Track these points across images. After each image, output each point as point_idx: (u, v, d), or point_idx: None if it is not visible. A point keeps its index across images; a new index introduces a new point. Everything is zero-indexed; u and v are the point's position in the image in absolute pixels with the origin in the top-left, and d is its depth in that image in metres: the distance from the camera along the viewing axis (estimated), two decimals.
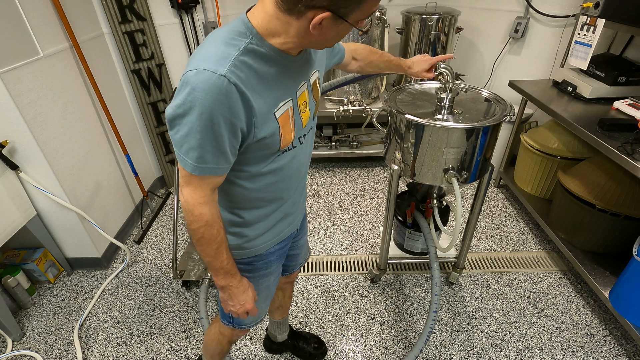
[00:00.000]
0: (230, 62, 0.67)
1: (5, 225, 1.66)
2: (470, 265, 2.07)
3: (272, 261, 1.06)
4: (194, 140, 0.70)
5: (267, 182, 0.88)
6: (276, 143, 0.80)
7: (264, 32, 0.72)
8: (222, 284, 0.90)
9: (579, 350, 1.61)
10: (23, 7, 1.59)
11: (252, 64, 0.71)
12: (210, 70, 0.66)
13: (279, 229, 1.02)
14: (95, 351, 1.68)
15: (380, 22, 2.49)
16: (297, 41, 0.73)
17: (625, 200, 1.68)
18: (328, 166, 3.06)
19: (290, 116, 0.81)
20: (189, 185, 0.77)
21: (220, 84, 0.66)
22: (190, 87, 0.67)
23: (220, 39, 0.72)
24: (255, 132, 0.74)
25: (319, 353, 1.61)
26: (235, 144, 0.74)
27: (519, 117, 2.36)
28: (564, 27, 2.35)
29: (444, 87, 1.35)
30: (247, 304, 0.95)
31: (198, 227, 0.80)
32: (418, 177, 1.46)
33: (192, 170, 0.74)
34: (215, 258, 0.85)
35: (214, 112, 0.67)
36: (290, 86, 0.80)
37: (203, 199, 0.78)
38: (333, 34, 0.72)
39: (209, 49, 0.71)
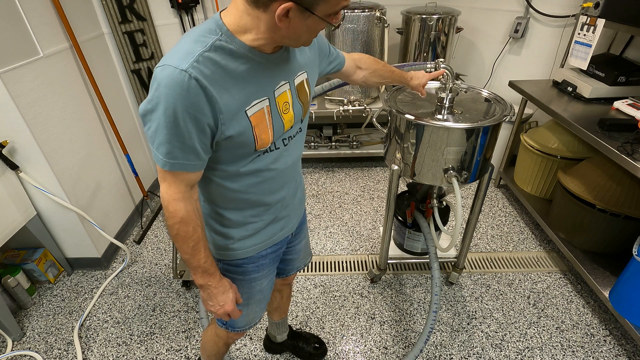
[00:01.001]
0: (194, 58, 0.68)
1: (5, 225, 1.66)
2: (470, 265, 2.07)
3: (265, 264, 1.04)
4: (162, 135, 0.71)
5: (248, 183, 0.87)
6: (250, 142, 0.79)
7: (235, 29, 0.72)
8: (201, 282, 0.89)
9: (579, 350, 1.61)
10: (23, 7, 1.59)
11: (219, 61, 0.71)
12: (173, 66, 0.67)
13: (269, 232, 1.00)
14: (95, 351, 1.68)
15: (380, 22, 2.49)
16: (269, 36, 0.72)
17: (625, 200, 1.68)
18: (328, 166, 3.06)
19: (266, 115, 0.79)
20: (164, 181, 0.78)
21: (182, 79, 0.67)
22: (157, 83, 0.68)
23: (190, 37, 0.72)
24: (223, 129, 0.74)
25: (319, 353, 1.61)
26: (205, 140, 0.74)
27: (519, 117, 2.36)
28: (564, 27, 2.35)
29: (444, 87, 1.35)
30: (227, 306, 0.93)
31: (173, 223, 0.80)
32: (418, 177, 1.46)
33: (163, 166, 0.74)
34: (192, 256, 0.84)
35: (177, 107, 0.68)
36: (265, 84, 0.78)
37: (177, 195, 0.78)
38: (303, 28, 0.71)
39: (178, 46, 0.72)
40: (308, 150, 2.96)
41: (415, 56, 2.69)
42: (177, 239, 0.82)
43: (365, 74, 1.19)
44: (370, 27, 2.47)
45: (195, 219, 0.82)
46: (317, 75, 0.98)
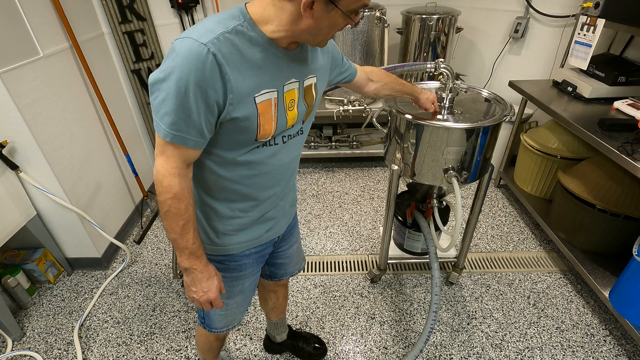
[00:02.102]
0: (214, 35, 0.69)
1: (5, 225, 1.66)
2: (470, 265, 2.07)
3: (247, 264, 1.03)
4: (170, 104, 0.71)
5: (241, 174, 0.87)
6: (253, 129, 0.79)
7: (257, 19, 0.74)
8: (186, 265, 0.86)
9: (579, 350, 1.61)
10: (23, 7, 1.59)
11: (238, 44, 0.72)
12: (193, 38, 0.69)
13: (255, 232, 0.99)
14: (95, 351, 1.68)
15: (380, 22, 2.49)
16: (289, 29, 0.73)
17: (625, 200, 1.68)
18: (328, 166, 3.06)
19: (272, 107, 0.80)
20: (162, 154, 0.77)
21: (200, 51, 0.68)
22: (174, 54, 0.69)
23: (213, 19, 0.74)
24: (230, 109, 0.74)
25: (319, 353, 1.61)
26: (211, 118, 0.74)
27: (519, 117, 2.36)
28: (564, 27, 2.35)
29: (444, 87, 1.35)
30: (211, 293, 0.90)
31: (166, 198, 0.78)
32: (418, 177, 1.46)
33: (165, 136, 0.73)
34: (181, 236, 0.82)
35: (190, 79, 0.68)
36: (277, 77, 0.79)
37: (174, 170, 0.77)
38: (325, 22, 0.72)
39: (200, 25, 0.73)
40: (308, 150, 2.96)
41: (415, 56, 2.69)
42: (168, 216, 0.80)
43: (377, 87, 1.21)
44: (370, 27, 2.47)
45: (189, 197, 0.80)
46: (326, 82, 0.99)
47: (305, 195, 2.69)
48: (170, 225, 0.81)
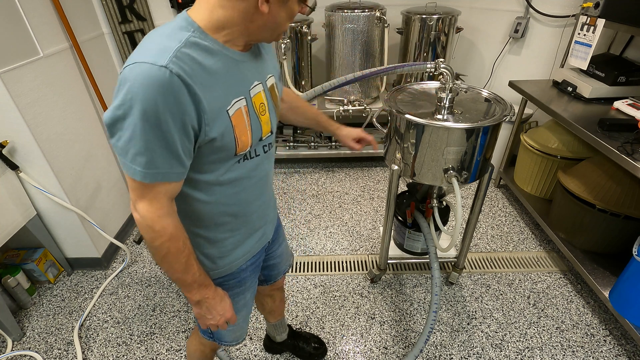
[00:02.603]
0: (172, 54, 0.62)
1: (5, 225, 1.66)
2: (470, 265, 2.06)
3: (246, 277, 1.01)
4: (140, 143, 0.63)
5: (227, 194, 0.82)
6: (231, 145, 0.74)
7: (206, 26, 0.68)
8: (197, 298, 0.83)
9: (579, 350, 1.61)
10: (23, 7, 1.59)
11: (197, 57, 0.65)
12: (149, 63, 0.61)
13: (248, 246, 0.96)
14: (95, 351, 1.68)
15: (380, 22, 2.49)
16: (244, 29, 0.69)
17: (625, 200, 1.68)
18: (328, 166, 3.06)
19: (245, 116, 0.75)
20: (142, 198, 0.69)
21: (162, 76, 0.60)
22: (128, 84, 0.61)
23: (158, 35, 0.67)
24: (207, 130, 0.68)
25: (319, 353, 1.61)
26: (188, 144, 0.68)
27: (519, 117, 2.36)
28: (564, 27, 2.35)
29: (444, 87, 1.34)
30: (227, 313, 0.89)
31: (162, 242, 0.72)
32: (418, 177, 1.46)
33: (143, 178, 0.66)
34: (185, 273, 0.78)
35: (158, 108, 0.61)
36: (242, 84, 0.75)
37: (162, 210, 0.71)
38: (282, 14, 0.69)
39: (146, 45, 0.65)
40: (308, 150, 2.96)
41: (415, 56, 2.69)
42: (168, 259, 0.75)
43: (285, 107, 1.12)
44: (370, 27, 2.47)
45: (183, 232, 0.76)
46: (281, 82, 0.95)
47: (305, 195, 2.69)
48: (172, 266, 0.76)
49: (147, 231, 0.72)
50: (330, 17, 2.50)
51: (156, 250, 0.74)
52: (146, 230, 0.72)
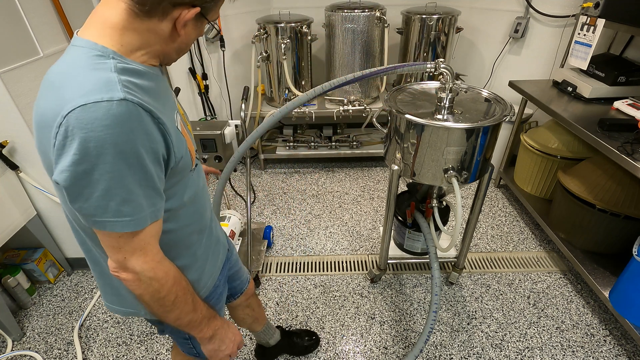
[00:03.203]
0: (120, 84, 0.56)
1: (5, 225, 1.66)
2: (470, 265, 2.06)
3: (222, 292, 0.99)
4: (122, 191, 0.57)
5: (190, 213, 0.79)
6: (189, 161, 0.72)
7: (119, 50, 0.60)
8: (210, 333, 0.79)
9: (579, 350, 1.61)
10: (23, 7, 1.59)
11: (136, 82, 0.60)
12: (105, 100, 0.53)
13: (216, 256, 0.94)
14: (95, 351, 1.68)
15: (380, 22, 2.49)
16: (159, 49, 0.65)
17: (625, 200, 1.68)
18: (328, 166, 3.06)
19: (185, 128, 0.75)
20: (135, 252, 0.63)
21: (126, 110, 0.54)
22: (83, 132, 0.53)
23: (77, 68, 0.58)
24: (175, 152, 0.65)
25: (313, 343, 1.63)
26: (161, 174, 0.64)
27: (519, 117, 2.36)
28: (564, 27, 2.35)
29: (444, 87, 1.34)
30: (237, 336, 0.86)
31: (169, 289, 0.68)
32: (418, 177, 1.46)
33: (136, 226, 0.60)
34: (194, 311, 0.74)
35: (133, 146, 0.56)
36: (170, 98, 0.73)
37: (158, 255, 0.66)
38: (194, 36, 0.68)
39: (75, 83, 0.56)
40: (308, 150, 2.96)
41: (415, 56, 2.69)
42: (178, 304, 0.70)
43: None
44: (370, 27, 2.47)
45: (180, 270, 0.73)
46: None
47: (305, 195, 2.69)
48: (183, 309, 0.71)
49: (150, 284, 0.65)
50: (330, 17, 2.50)
51: (164, 301, 0.68)
52: (148, 285, 0.65)
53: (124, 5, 0.59)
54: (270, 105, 2.90)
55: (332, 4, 2.56)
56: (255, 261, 1.99)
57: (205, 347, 0.82)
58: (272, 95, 2.85)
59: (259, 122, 2.79)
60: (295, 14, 2.66)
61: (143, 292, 0.66)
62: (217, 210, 1.58)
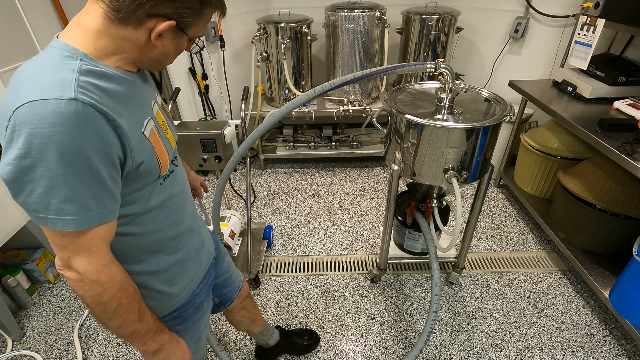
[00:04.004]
0: (75, 84, 0.56)
1: (5, 225, 1.66)
2: (470, 265, 2.06)
3: (202, 301, 0.96)
4: (65, 189, 0.56)
5: (159, 219, 0.77)
6: (155, 167, 0.71)
7: (92, 53, 0.62)
8: (155, 348, 0.76)
9: (579, 350, 1.61)
10: (23, 7, 1.59)
11: (98, 84, 0.60)
12: (54, 98, 0.54)
13: (195, 265, 0.92)
14: (95, 351, 1.68)
15: (380, 22, 2.49)
16: (135, 57, 0.66)
17: (625, 200, 1.68)
18: (328, 166, 3.06)
19: (157, 135, 0.73)
20: (79, 252, 0.61)
21: (75, 109, 0.54)
22: (29, 128, 0.53)
23: (39, 67, 0.59)
24: (133, 156, 0.64)
25: (313, 342, 1.64)
26: (116, 176, 0.63)
27: (519, 117, 2.36)
28: (564, 27, 2.35)
29: (444, 87, 1.34)
30: (187, 355, 0.83)
31: (112, 295, 0.65)
32: (418, 177, 1.46)
33: (78, 226, 0.59)
34: (140, 321, 0.71)
35: (78, 145, 0.55)
36: (145, 104, 0.72)
37: (105, 259, 0.64)
38: (173, 49, 0.68)
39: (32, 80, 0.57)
40: (308, 150, 2.96)
41: (415, 56, 2.69)
42: (120, 312, 0.67)
43: None
44: (370, 27, 2.47)
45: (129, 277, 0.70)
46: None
47: (305, 195, 2.69)
48: (127, 317, 0.69)
49: (92, 287, 0.63)
50: (330, 17, 2.50)
51: (106, 306, 0.65)
52: (90, 287, 0.63)
53: (101, 10, 0.60)
54: (270, 105, 2.90)
55: (332, 4, 2.56)
56: (255, 261, 1.99)
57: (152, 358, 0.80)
58: (272, 95, 2.85)
59: (259, 122, 2.80)
60: (295, 14, 2.66)
61: (85, 293, 0.64)
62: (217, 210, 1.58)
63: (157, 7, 0.60)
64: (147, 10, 0.59)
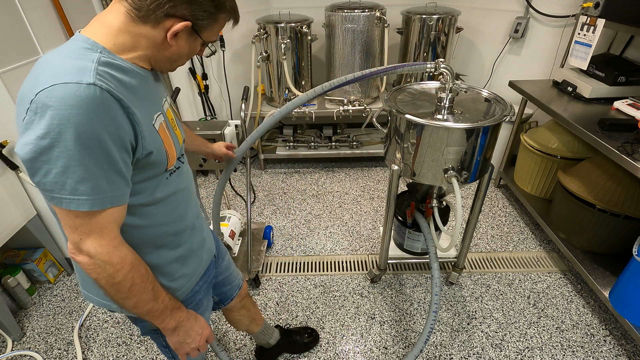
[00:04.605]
0: (94, 71, 0.60)
1: (5, 225, 1.66)
2: (470, 265, 2.06)
3: (202, 299, 0.98)
4: (80, 170, 0.59)
5: (163, 213, 0.79)
6: (163, 160, 0.74)
7: (112, 48, 0.66)
8: (173, 325, 0.78)
9: (579, 350, 1.61)
10: (23, 7, 1.59)
11: (114, 74, 0.63)
12: (74, 82, 0.57)
13: (196, 262, 0.93)
14: (95, 351, 1.68)
15: (380, 22, 2.49)
16: (151, 55, 0.70)
17: (625, 200, 1.68)
18: (328, 166, 3.06)
19: (167, 130, 0.76)
20: (91, 234, 0.64)
21: (93, 93, 0.58)
22: (51, 110, 0.56)
23: (61, 57, 0.63)
24: (144, 143, 0.67)
25: (312, 339, 1.65)
26: (128, 161, 0.66)
27: (519, 117, 2.36)
28: (564, 27, 2.35)
29: (444, 87, 1.34)
30: (205, 330, 0.85)
31: (124, 275, 0.67)
32: (418, 177, 1.46)
33: (92, 206, 0.61)
34: (155, 300, 0.73)
35: (94, 128, 0.58)
36: (156, 100, 0.76)
37: (116, 240, 0.66)
38: (186, 50, 0.72)
39: (53, 67, 0.60)
40: (308, 150, 2.96)
41: (415, 56, 2.69)
42: (134, 291, 0.70)
43: None
44: (370, 27, 2.47)
45: (141, 258, 0.73)
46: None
47: (305, 195, 2.69)
48: (141, 297, 0.71)
49: (105, 268, 0.66)
50: (330, 17, 2.50)
51: (119, 287, 0.68)
52: (103, 268, 0.65)
53: (124, 9, 0.65)
54: (270, 105, 2.90)
55: (332, 4, 2.56)
56: (255, 261, 1.99)
57: (170, 339, 0.82)
58: (272, 95, 2.85)
59: (259, 122, 2.80)
60: (295, 14, 2.66)
61: (98, 276, 0.66)
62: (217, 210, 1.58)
63: (176, 8, 0.64)
64: (166, 11, 0.64)
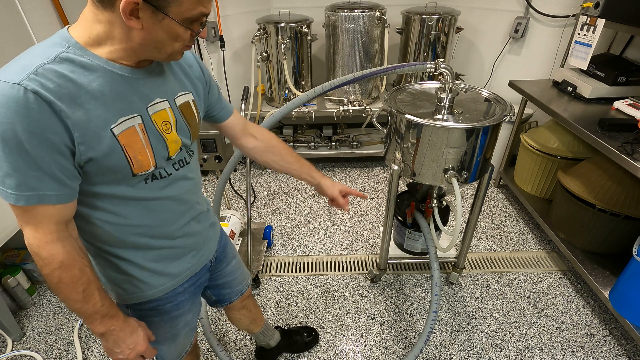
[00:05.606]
0: (30, 71, 0.59)
1: (6, 225, 1.66)
2: (470, 265, 2.06)
3: (184, 300, 0.96)
4: (6, 165, 0.60)
5: (135, 214, 0.77)
6: (123, 165, 0.70)
7: (86, 42, 0.65)
8: (101, 330, 0.76)
9: (579, 350, 1.61)
10: (22, 6, 1.59)
11: (66, 73, 0.62)
12: (4, 81, 0.58)
13: (180, 267, 0.91)
14: (95, 351, 1.68)
15: (380, 22, 2.49)
16: (127, 46, 0.66)
17: (625, 200, 1.68)
18: (328, 166, 3.06)
19: (140, 135, 0.71)
20: (27, 224, 0.66)
21: (16, 94, 0.57)
22: None
23: (31, 52, 0.64)
24: (82, 149, 0.64)
25: (312, 339, 1.65)
26: (65, 163, 0.64)
27: (519, 117, 2.36)
28: (564, 27, 2.35)
29: (444, 87, 1.34)
30: (139, 346, 0.81)
31: (51, 271, 0.67)
32: (418, 177, 1.46)
33: (16, 201, 0.62)
34: (85, 302, 0.72)
35: (16, 128, 0.58)
36: (134, 101, 0.70)
37: (49, 236, 0.66)
38: (159, 32, 0.64)
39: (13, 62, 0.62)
40: (308, 150, 2.96)
41: (415, 56, 2.69)
42: (61, 288, 0.69)
43: (258, 145, 1.07)
44: (370, 27, 2.47)
45: (80, 258, 0.71)
46: (203, 103, 0.90)
47: (305, 195, 2.69)
48: (69, 295, 0.70)
49: (36, 258, 0.68)
50: (330, 17, 2.50)
51: (48, 279, 0.69)
52: (35, 258, 0.68)
53: None
54: (270, 105, 2.90)
55: (332, 4, 2.56)
56: (255, 261, 1.99)
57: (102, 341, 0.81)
58: (272, 95, 2.85)
59: (259, 122, 2.79)
60: (295, 14, 2.66)
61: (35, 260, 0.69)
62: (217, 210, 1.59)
63: None
64: None
